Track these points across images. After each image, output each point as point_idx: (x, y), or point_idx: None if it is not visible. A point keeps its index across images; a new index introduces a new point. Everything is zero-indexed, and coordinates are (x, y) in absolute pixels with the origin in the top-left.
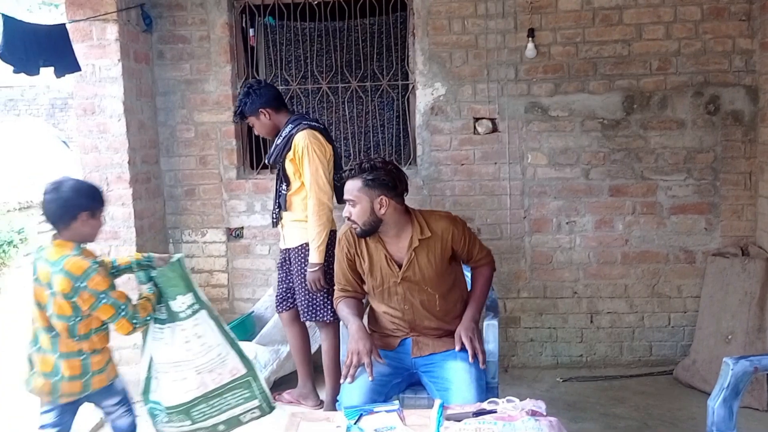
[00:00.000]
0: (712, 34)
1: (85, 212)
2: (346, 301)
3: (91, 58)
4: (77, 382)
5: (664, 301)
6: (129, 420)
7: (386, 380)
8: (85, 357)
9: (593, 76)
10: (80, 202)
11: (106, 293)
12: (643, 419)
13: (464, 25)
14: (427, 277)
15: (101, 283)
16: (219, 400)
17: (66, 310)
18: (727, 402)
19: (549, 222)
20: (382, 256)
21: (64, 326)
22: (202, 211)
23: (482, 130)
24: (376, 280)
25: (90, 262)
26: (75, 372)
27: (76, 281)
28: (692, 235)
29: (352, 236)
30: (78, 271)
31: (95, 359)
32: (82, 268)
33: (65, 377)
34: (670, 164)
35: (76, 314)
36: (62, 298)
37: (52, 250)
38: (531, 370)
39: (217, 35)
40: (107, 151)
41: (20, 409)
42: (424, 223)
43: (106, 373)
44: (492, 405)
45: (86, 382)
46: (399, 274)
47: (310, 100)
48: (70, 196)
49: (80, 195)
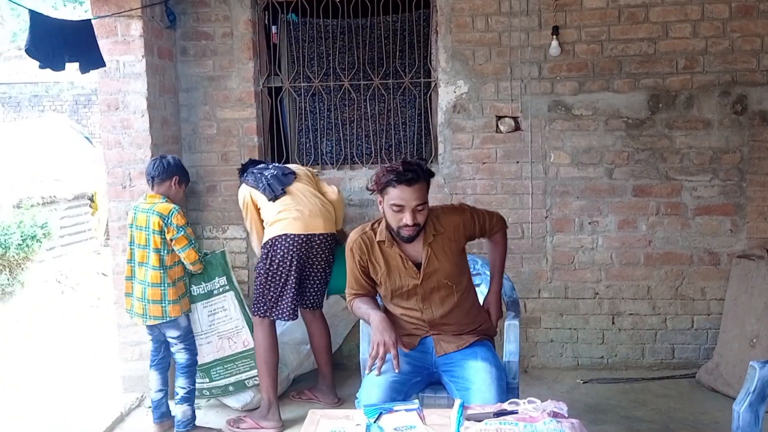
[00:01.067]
0: (740, 33)
1: (177, 177)
2: (360, 298)
3: (115, 53)
4: (158, 306)
5: (687, 303)
6: (186, 356)
7: (406, 379)
8: (164, 288)
9: (618, 75)
10: (176, 170)
11: (184, 228)
12: (665, 423)
13: (488, 23)
14: (447, 270)
15: (180, 219)
16: (231, 365)
17: (158, 243)
18: (753, 406)
19: (571, 222)
20: (398, 258)
21: (157, 257)
22: (223, 207)
23: (505, 128)
24: (395, 284)
25: (173, 206)
26: (156, 298)
27: (165, 219)
28: (717, 236)
29: (364, 244)
30: (165, 211)
31: (170, 291)
32: (168, 209)
33: (150, 301)
34: (695, 164)
35: (165, 246)
36: (156, 234)
37: (145, 202)
38: (551, 371)
39: (240, 32)
40: (130, 147)
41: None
42: (435, 219)
43: (180, 305)
44: (513, 406)
45: (164, 308)
46: (419, 274)
47: (332, 98)
48: (171, 163)
49: (177, 166)
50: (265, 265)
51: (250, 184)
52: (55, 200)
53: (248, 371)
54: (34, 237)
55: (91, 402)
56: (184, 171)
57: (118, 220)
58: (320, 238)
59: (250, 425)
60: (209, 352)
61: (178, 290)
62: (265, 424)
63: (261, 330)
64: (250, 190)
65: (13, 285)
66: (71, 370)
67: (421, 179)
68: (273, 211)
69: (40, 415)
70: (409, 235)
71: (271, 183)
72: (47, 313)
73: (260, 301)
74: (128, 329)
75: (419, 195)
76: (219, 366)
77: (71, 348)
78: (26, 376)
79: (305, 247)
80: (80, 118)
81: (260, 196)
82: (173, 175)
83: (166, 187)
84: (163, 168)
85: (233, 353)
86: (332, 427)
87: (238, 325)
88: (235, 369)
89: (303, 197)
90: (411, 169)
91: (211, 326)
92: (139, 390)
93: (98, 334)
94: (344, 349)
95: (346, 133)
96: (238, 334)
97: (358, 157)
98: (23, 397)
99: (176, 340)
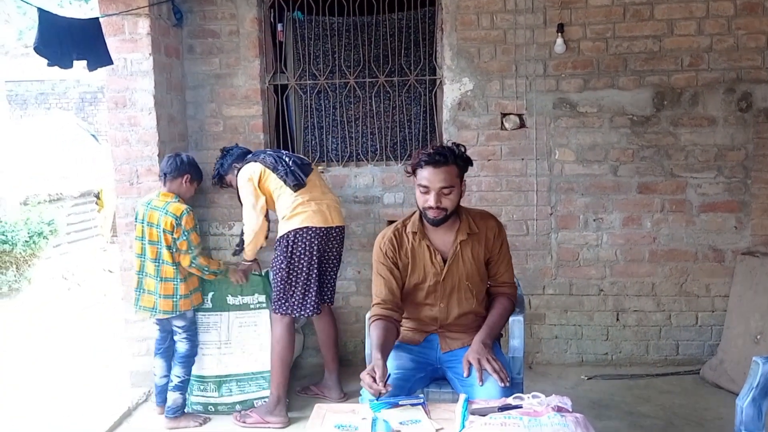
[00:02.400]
0: (746, 30)
1: (188, 175)
2: (379, 322)
3: (122, 51)
4: (169, 301)
5: (691, 300)
6: (187, 346)
7: (409, 375)
8: (177, 282)
9: (623, 72)
10: (189, 169)
11: (189, 232)
12: (669, 418)
13: (493, 20)
14: (470, 272)
15: (189, 222)
16: (244, 384)
17: (170, 240)
18: (757, 401)
19: (576, 219)
20: (426, 250)
21: (169, 254)
22: (229, 204)
23: (509, 125)
24: (419, 278)
25: (185, 207)
26: (168, 292)
27: (176, 219)
28: (722, 233)
29: (395, 238)
30: (177, 212)
31: (182, 286)
32: (180, 210)
33: (162, 296)
34: (700, 162)
35: (174, 245)
36: (168, 233)
37: (158, 199)
38: (555, 367)
39: (246, 30)
40: (137, 144)
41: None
42: (471, 218)
43: (191, 299)
44: (517, 400)
45: (175, 303)
46: (443, 269)
47: (337, 95)
48: (185, 161)
49: (191, 164)
50: (286, 258)
51: (267, 164)
52: (62, 197)
53: (258, 391)
54: (40, 234)
55: (99, 397)
56: (197, 169)
57: (126, 216)
58: (337, 231)
59: (256, 420)
60: (228, 364)
61: (190, 285)
62: (271, 419)
63: (282, 327)
64: (265, 170)
65: (20, 282)
66: (78, 365)
67: (450, 163)
68: (291, 201)
69: (48, 411)
70: (434, 217)
71: (294, 170)
72: (54, 310)
73: (283, 298)
74: (135, 325)
75: (445, 177)
76: (232, 382)
77: (78, 344)
78: (33, 373)
79: (325, 240)
80: (86, 116)
81: (276, 179)
82: (185, 173)
83: (177, 184)
84: (176, 165)
85: (250, 372)
86: (338, 421)
87: (264, 344)
88: (247, 387)
89: (321, 189)
90: (441, 152)
91: (238, 338)
92: (147, 385)
93: (104, 330)
94: (349, 345)
95: (352, 131)
96: (260, 352)
97: (364, 154)
98: (30, 392)
99: (180, 330)
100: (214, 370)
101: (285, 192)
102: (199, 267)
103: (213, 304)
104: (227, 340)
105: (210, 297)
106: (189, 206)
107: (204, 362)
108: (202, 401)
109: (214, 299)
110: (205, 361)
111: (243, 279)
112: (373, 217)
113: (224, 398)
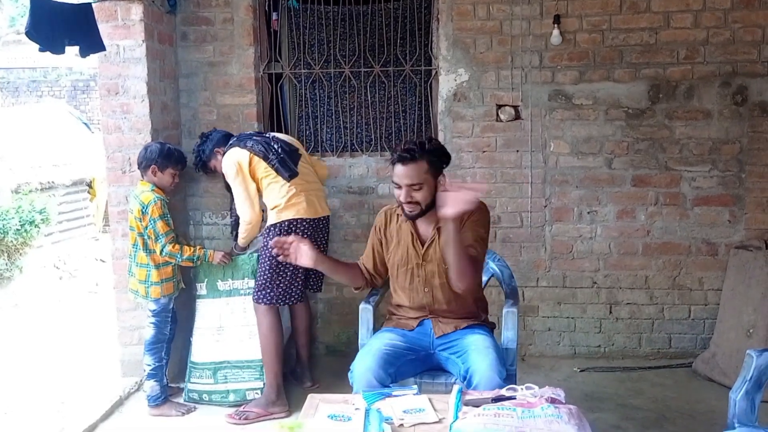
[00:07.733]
0: (742, 24)
1: (154, 166)
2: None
3: (115, 38)
4: (142, 285)
5: (684, 293)
6: (153, 332)
7: (400, 353)
8: (149, 269)
9: (619, 65)
10: (153, 160)
11: (155, 220)
12: (661, 411)
13: (489, 11)
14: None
15: (155, 211)
16: (239, 371)
17: (140, 227)
18: (750, 394)
19: (570, 211)
20: (409, 235)
21: (142, 240)
22: (223, 193)
23: (505, 117)
24: (400, 258)
25: (155, 196)
26: (142, 278)
27: (143, 207)
28: (715, 227)
29: (386, 217)
30: (146, 200)
31: (154, 272)
32: (149, 198)
33: (139, 281)
34: (694, 155)
35: (145, 232)
36: (138, 220)
37: (137, 188)
38: (548, 359)
39: (241, 17)
40: (130, 132)
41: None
42: None
43: (161, 288)
44: (511, 392)
45: (147, 288)
46: (421, 253)
47: (332, 84)
48: (152, 150)
49: (159, 154)
50: None
51: (256, 152)
52: (54, 186)
53: (251, 381)
54: (32, 222)
55: (91, 386)
56: (167, 158)
57: (118, 204)
58: (325, 220)
59: (259, 414)
60: (223, 350)
61: (162, 274)
62: (274, 409)
63: (267, 318)
64: (253, 157)
65: (11, 270)
66: (69, 355)
67: (417, 160)
68: (280, 192)
69: (39, 400)
70: (409, 212)
71: (285, 160)
72: (45, 299)
73: (268, 287)
74: (127, 314)
75: (412, 174)
76: (227, 369)
77: (69, 333)
78: (23, 362)
79: (314, 230)
80: (78, 104)
81: (265, 167)
82: (151, 163)
83: (149, 175)
84: (142, 156)
85: (244, 359)
86: (331, 411)
87: (253, 331)
88: (240, 377)
89: (310, 178)
90: (409, 150)
91: (230, 324)
92: (138, 374)
93: (96, 319)
94: (342, 336)
95: (346, 121)
96: (250, 339)
97: (358, 144)
98: (20, 382)
99: (151, 314)
100: (210, 356)
101: (276, 181)
102: (171, 254)
103: (207, 291)
104: (218, 326)
105: (204, 284)
106: (160, 196)
107: (200, 349)
108: (197, 389)
109: (208, 286)
110: (201, 348)
111: (227, 259)
112: (367, 208)
113: (219, 386)
